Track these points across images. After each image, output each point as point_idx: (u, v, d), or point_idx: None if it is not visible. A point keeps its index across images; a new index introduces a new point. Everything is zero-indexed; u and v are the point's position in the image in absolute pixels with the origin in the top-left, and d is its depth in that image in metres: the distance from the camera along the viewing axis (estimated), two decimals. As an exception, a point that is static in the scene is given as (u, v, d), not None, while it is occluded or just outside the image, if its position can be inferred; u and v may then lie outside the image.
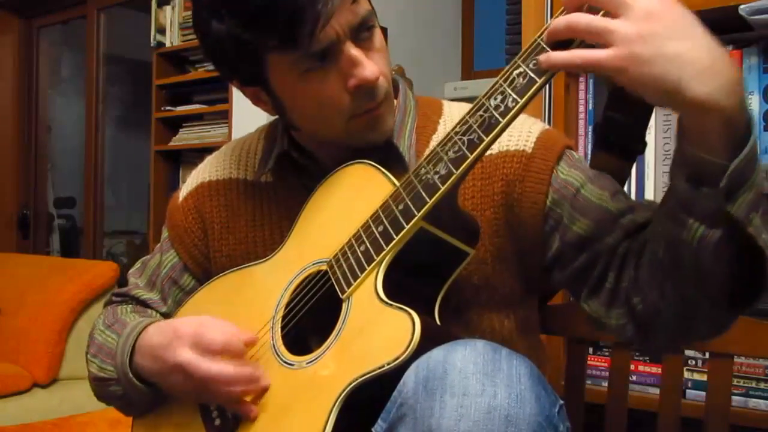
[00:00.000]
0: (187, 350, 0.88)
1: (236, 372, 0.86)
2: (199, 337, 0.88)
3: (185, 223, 1.09)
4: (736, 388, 1.33)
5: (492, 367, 0.69)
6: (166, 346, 0.90)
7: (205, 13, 0.89)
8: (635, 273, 0.84)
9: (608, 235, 0.87)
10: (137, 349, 0.96)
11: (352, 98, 0.90)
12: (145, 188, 3.64)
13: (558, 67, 0.74)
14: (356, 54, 0.87)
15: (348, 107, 0.90)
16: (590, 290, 0.88)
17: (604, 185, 0.90)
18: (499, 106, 0.77)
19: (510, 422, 0.66)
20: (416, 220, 0.81)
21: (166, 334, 0.92)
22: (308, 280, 0.92)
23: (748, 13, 1.28)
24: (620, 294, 0.86)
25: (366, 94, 0.89)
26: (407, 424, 0.69)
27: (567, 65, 0.73)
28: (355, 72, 0.87)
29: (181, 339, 0.89)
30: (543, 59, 0.74)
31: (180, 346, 0.89)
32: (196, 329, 0.89)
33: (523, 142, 0.95)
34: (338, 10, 0.84)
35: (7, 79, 4.03)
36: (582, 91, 1.54)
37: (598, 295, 0.88)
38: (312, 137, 1.00)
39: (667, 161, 1.45)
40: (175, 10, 3.05)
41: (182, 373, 0.89)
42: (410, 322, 0.74)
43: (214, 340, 0.88)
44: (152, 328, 0.96)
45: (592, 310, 0.89)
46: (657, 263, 0.79)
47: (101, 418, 2.27)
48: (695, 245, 0.72)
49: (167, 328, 0.94)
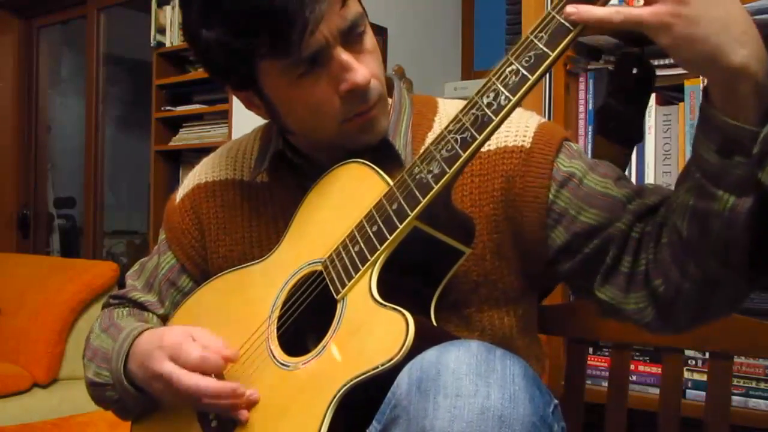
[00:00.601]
0: (167, 362, 0.88)
1: (216, 387, 0.86)
2: (177, 350, 0.88)
3: (182, 225, 1.09)
4: (736, 388, 1.33)
5: (485, 367, 0.68)
6: (150, 354, 0.91)
7: (194, 20, 0.89)
8: (654, 255, 0.84)
9: (618, 220, 0.87)
10: (130, 356, 0.96)
11: (344, 102, 0.89)
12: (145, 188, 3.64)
13: (591, 22, 0.72)
14: (346, 58, 0.87)
15: (340, 111, 0.90)
16: (604, 277, 0.88)
17: (607, 173, 0.90)
18: (491, 104, 0.77)
19: (504, 423, 0.65)
20: (410, 220, 0.81)
21: (152, 343, 0.92)
22: (303, 280, 0.92)
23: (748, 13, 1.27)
24: (638, 277, 0.85)
25: (358, 97, 0.89)
26: (401, 425, 0.69)
27: (603, 20, 0.71)
28: (347, 76, 0.87)
29: (162, 349, 0.89)
30: (573, 11, 0.72)
31: (161, 357, 0.89)
32: (177, 341, 0.89)
33: (521, 137, 0.94)
34: (327, 15, 0.84)
35: (7, 79, 4.04)
36: (582, 91, 1.54)
37: (614, 281, 0.87)
38: (306, 141, 1.00)
39: (667, 161, 1.44)
40: (175, 10, 3.05)
41: (162, 383, 0.89)
42: (404, 323, 0.74)
43: (189, 355, 0.87)
44: (145, 335, 0.96)
45: (609, 297, 0.88)
46: (679, 242, 0.79)
47: (101, 418, 2.27)
48: (727, 215, 0.72)
49: (155, 336, 0.94)
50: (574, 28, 0.74)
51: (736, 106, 0.69)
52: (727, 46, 0.67)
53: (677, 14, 0.68)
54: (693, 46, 0.68)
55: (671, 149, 1.44)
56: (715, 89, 0.71)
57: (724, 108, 0.70)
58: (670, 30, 0.68)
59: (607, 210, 0.87)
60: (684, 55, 0.70)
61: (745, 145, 0.69)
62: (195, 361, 0.87)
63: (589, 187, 0.90)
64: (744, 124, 0.69)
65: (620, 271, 0.87)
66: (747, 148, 0.69)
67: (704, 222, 0.75)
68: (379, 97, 0.92)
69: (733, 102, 0.69)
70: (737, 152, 0.70)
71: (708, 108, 0.72)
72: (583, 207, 0.89)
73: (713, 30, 0.67)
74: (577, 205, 0.89)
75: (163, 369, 0.88)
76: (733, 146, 0.70)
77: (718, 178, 0.72)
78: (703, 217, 0.75)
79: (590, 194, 0.89)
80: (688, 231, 0.78)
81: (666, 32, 0.69)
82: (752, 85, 0.68)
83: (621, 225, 0.87)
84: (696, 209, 0.76)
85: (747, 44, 0.67)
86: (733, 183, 0.71)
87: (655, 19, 0.69)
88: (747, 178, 0.70)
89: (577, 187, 0.90)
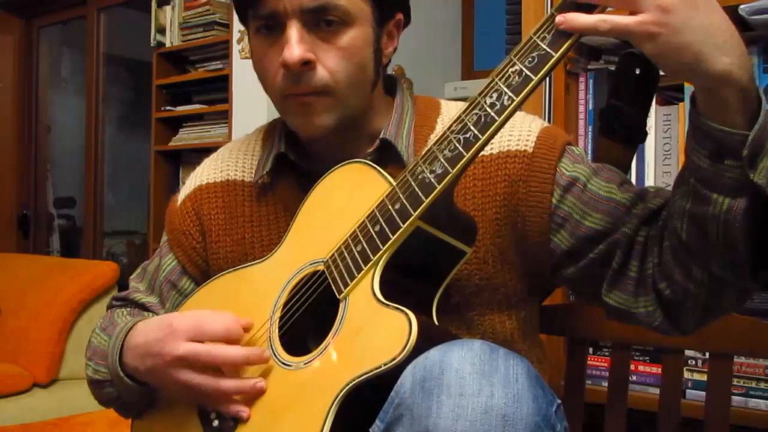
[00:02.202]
0: (185, 343, 0.87)
1: (245, 352, 0.87)
2: (199, 329, 0.88)
3: (183, 226, 1.09)
4: (736, 388, 1.33)
5: (489, 367, 0.68)
6: (161, 339, 0.89)
7: None
8: (659, 259, 0.84)
9: (623, 225, 0.87)
10: (125, 350, 0.96)
11: (282, 76, 0.92)
12: (145, 188, 3.64)
13: (579, 30, 0.74)
14: (290, 34, 0.89)
15: (280, 84, 0.93)
16: (611, 282, 0.88)
17: (610, 177, 0.91)
18: (494, 104, 0.77)
19: (507, 422, 0.66)
20: (412, 220, 0.81)
21: (159, 330, 0.91)
22: (306, 280, 0.92)
23: (748, 13, 1.27)
24: (646, 281, 0.86)
25: (291, 76, 0.91)
26: (404, 424, 0.69)
27: (591, 29, 0.73)
28: (283, 51, 0.89)
29: (176, 333, 0.88)
30: (562, 20, 0.74)
31: (176, 339, 0.88)
32: (194, 322, 0.89)
33: (524, 141, 0.94)
34: None
35: (7, 79, 4.03)
36: (582, 91, 1.54)
37: (623, 285, 0.88)
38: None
39: (667, 161, 1.45)
40: (175, 10, 3.05)
41: (182, 364, 0.87)
42: (407, 323, 0.74)
43: (216, 329, 0.88)
44: (140, 326, 0.95)
45: (618, 302, 0.88)
46: (680, 246, 0.80)
47: (101, 418, 2.27)
48: (723, 217, 0.73)
49: (160, 322, 0.92)
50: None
51: (722, 112, 0.71)
52: (710, 55, 0.69)
53: (662, 23, 0.69)
54: (677, 54, 0.70)
55: (671, 149, 1.44)
56: (701, 96, 0.73)
57: (710, 114, 0.72)
58: (654, 39, 0.70)
59: (611, 215, 0.88)
60: (668, 63, 0.72)
61: (735, 149, 0.71)
62: (221, 331, 0.87)
63: (593, 192, 0.90)
64: (731, 128, 0.71)
65: (628, 276, 0.87)
66: (737, 151, 0.71)
67: (702, 225, 0.76)
68: (324, 89, 0.92)
69: (719, 107, 0.71)
70: (727, 156, 0.72)
71: (696, 115, 0.74)
72: (588, 211, 0.89)
73: (696, 39, 0.69)
74: (582, 210, 0.90)
75: (182, 349, 0.87)
76: (722, 150, 0.72)
77: (711, 181, 0.74)
78: (701, 220, 0.76)
79: (594, 199, 0.89)
80: (687, 235, 0.78)
81: (651, 41, 0.70)
82: (736, 91, 0.70)
83: (626, 230, 0.87)
84: (693, 213, 0.76)
85: (729, 52, 0.69)
86: (727, 186, 0.73)
87: (641, 29, 0.70)
88: (739, 180, 0.72)
89: (582, 192, 0.90)
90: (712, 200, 0.74)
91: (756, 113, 0.71)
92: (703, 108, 0.73)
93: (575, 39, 0.74)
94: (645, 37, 0.70)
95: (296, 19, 0.89)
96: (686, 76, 0.73)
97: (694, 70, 0.70)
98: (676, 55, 0.70)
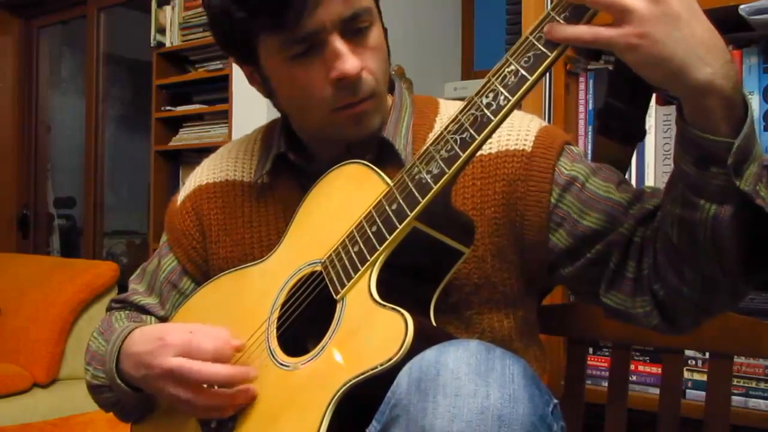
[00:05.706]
0: (173, 357, 0.87)
1: (231, 371, 0.86)
2: (188, 345, 0.87)
3: (183, 227, 1.09)
4: (736, 388, 1.33)
5: (485, 367, 0.68)
6: (152, 352, 0.89)
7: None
8: (653, 260, 0.84)
9: (620, 225, 0.87)
10: (122, 357, 0.95)
11: (334, 90, 0.90)
12: (145, 188, 3.64)
13: (564, 41, 0.75)
14: (340, 46, 0.88)
15: (330, 99, 0.91)
16: (609, 282, 0.88)
17: (608, 177, 0.91)
18: (491, 104, 0.77)
19: (503, 422, 0.65)
20: (409, 220, 0.81)
21: (151, 341, 0.90)
22: (303, 280, 0.92)
23: (748, 13, 1.27)
24: (643, 281, 0.86)
25: (347, 87, 0.90)
26: (400, 424, 0.69)
27: (575, 39, 0.74)
28: (336, 64, 0.88)
29: (167, 348, 0.88)
30: (549, 30, 0.75)
31: (165, 353, 0.87)
32: (186, 338, 0.88)
33: (522, 140, 0.94)
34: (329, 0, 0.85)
35: (7, 79, 4.03)
36: (582, 91, 1.54)
37: (620, 286, 0.88)
38: (304, 131, 1.01)
39: (667, 161, 1.44)
40: (175, 10, 3.04)
41: (171, 378, 0.87)
42: (403, 323, 0.74)
43: (204, 348, 0.87)
44: (137, 333, 0.95)
45: (616, 302, 0.88)
46: (672, 248, 0.80)
47: (101, 418, 2.26)
48: (710, 223, 0.74)
49: (153, 334, 0.92)
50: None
51: (706, 120, 0.71)
52: (692, 65, 0.69)
53: (643, 35, 0.70)
54: (659, 64, 0.70)
55: (671, 149, 1.44)
56: (685, 104, 0.73)
57: (695, 122, 0.72)
58: (636, 50, 0.70)
59: (609, 214, 0.88)
60: (650, 73, 0.72)
61: (720, 156, 0.71)
62: (210, 352, 0.87)
63: (591, 191, 0.90)
64: (715, 136, 0.71)
65: (625, 276, 0.87)
66: (721, 158, 0.71)
67: (691, 230, 0.76)
68: (372, 92, 0.92)
69: (703, 116, 0.71)
70: (712, 163, 0.72)
71: (681, 123, 0.74)
72: (586, 211, 0.89)
73: (678, 50, 0.69)
74: (580, 209, 0.90)
75: (171, 364, 0.86)
76: (708, 158, 0.72)
77: (698, 188, 0.74)
78: (690, 225, 0.76)
79: (593, 198, 0.89)
80: (678, 238, 0.79)
81: (633, 52, 0.71)
82: (719, 99, 0.70)
83: (623, 230, 0.87)
84: (682, 218, 0.77)
85: (711, 63, 0.70)
86: (713, 192, 0.73)
87: (623, 40, 0.71)
88: (726, 187, 0.72)
89: (580, 191, 0.90)
90: (700, 206, 0.74)
91: (741, 121, 0.71)
92: (688, 116, 0.73)
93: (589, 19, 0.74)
94: (626, 48, 0.71)
95: (336, 31, 0.88)
96: (669, 86, 0.73)
97: (676, 80, 0.71)
98: (657, 65, 0.70)
